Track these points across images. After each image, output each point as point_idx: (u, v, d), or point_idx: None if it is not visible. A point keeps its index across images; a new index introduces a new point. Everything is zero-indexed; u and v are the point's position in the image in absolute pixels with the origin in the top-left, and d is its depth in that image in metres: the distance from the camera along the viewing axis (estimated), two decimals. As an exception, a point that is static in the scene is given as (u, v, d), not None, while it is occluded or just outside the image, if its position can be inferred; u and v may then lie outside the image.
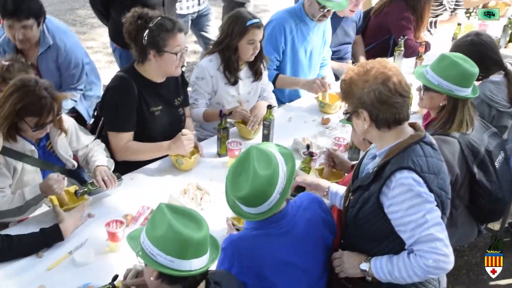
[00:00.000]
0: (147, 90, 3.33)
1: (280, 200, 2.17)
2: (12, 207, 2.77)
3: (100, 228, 2.75)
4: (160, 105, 3.41)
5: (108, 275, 2.35)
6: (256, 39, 3.63)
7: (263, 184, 2.13)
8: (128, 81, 3.28)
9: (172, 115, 3.50)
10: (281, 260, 2.22)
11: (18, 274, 2.50)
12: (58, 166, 3.03)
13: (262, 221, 2.23)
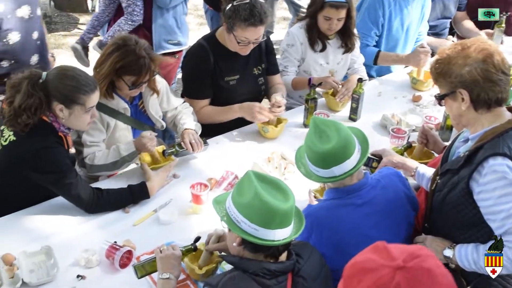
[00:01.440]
0: (223, 59, 3.33)
1: (356, 166, 2.14)
2: (107, 162, 2.89)
3: (185, 189, 2.81)
4: (237, 74, 3.41)
5: (190, 236, 2.43)
6: (332, 17, 3.53)
7: (348, 135, 2.13)
8: (205, 50, 3.30)
9: (249, 85, 3.49)
10: (360, 232, 2.19)
11: (106, 227, 2.61)
12: (148, 126, 3.12)
13: (342, 192, 2.21)
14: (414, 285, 1.24)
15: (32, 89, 2.46)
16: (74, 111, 2.53)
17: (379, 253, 1.31)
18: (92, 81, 2.59)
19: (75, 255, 2.40)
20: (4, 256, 2.33)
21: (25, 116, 2.45)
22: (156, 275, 2.22)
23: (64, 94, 2.49)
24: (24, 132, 2.49)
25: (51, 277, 2.29)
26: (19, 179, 2.57)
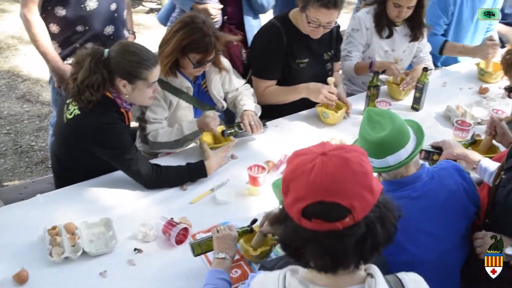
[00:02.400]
0: (296, 41, 3.30)
1: (411, 156, 2.09)
2: (170, 140, 2.93)
3: (242, 170, 2.82)
4: (307, 57, 3.37)
5: (246, 217, 2.43)
6: (402, 5, 3.43)
7: (402, 124, 2.09)
8: (278, 30, 3.27)
9: (318, 69, 3.45)
10: (414, 226, 2.13)
11: (164, 203, 2.65)
12: (209, 106, 3.14)
13: (396, 184, 2.16)
14: (327, 166, 1.33)
15: (95, 66, 2.50)
16: (137, 86, 2.56)
17: (318, 145, 1.43)
18: (153, 56, 2.61)
19: (133, 229, 2.45)
20: (67, 225, 2.40)
21: (88, 93, 2.50)
22: (211, 254, 2.25)
23: (126, 69, 2.53)
24: (88, 107, 2.54)
25: (110, 248, 2.34)
26: (82, 152, 2.64)
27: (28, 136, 4.84)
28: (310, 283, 1.42)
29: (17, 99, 5.34)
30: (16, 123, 5.00)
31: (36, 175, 4.37)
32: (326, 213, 1.32)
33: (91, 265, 2.28)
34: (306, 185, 1.34)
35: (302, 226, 1.35)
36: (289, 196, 1.38)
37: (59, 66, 3.25)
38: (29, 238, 2.38)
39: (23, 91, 5.46)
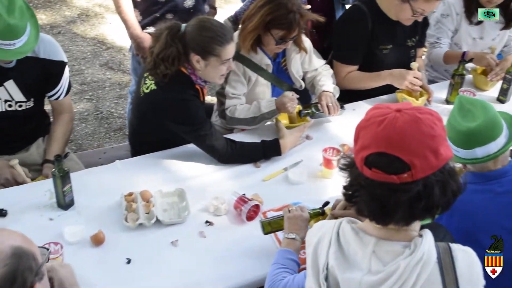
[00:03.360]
0: (381, 26, 3.20)
1: (501, 150, 2.00)
2: (247, 117, 2.94)
3: (316, 152, 2.80)
4: (391, 43, 3.27)
5: (317, 199, 2.41)
6: None
7: (495, 116, 2.02)
8: (364, 14, 3.18)
9: (401, 56, 3.34)
10: (495, 222, 2.03)
11: (236, 178, 2.68)
12: (287, 84, 3.12)
13: (482, 177, 2.07)
14: (397, 121, 1.38)
15: (171, 40, 2.53)
16: (210, 62, 2.57)
17: (398, 103, 1.49)
18: (229, 32, 2.61)
19: (205, 202, 2.49)
20: (143, 192, 2.46)
21: (163, 66, 2.54)
22: (280, 234, 2.25)
23: (200, 45, 2.54)
24: (163, 82, 2.58)
25: (182, 219, 2.39)
26: (157, 126, 2.69)
27: (109, 103, 4.99)
28: (361, 231, 1.49)
29: (101, 66, 5.51)
30: (98, 89, 5.17)
31: (114, 142, 4.51)
32: (386, 165, 1.37)
33: (163, 233, 2.34)
34: (373, 135, 1.40)
35: (363, 173, 1.41)
36: (358, 144, 1.44)
37: (137, 34, 3.34)
38: (106, 202, 2.47)
39: (106, 59, 5.63)
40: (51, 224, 2.36)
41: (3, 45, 2.35)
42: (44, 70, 2.67)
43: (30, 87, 2.69)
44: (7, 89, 2.61)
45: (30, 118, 2.78)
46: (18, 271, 1.33)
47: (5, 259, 1.32)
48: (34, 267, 1.39)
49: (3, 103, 2.63)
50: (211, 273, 2.16)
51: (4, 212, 2.38)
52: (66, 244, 2.18)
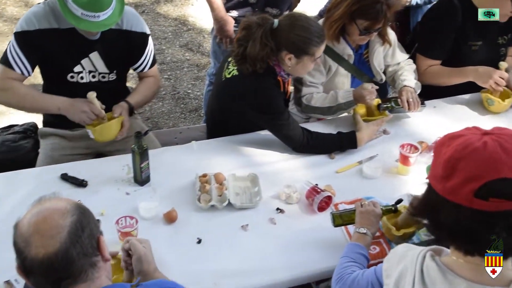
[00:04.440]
0: (471, 21, 3.06)
1: None
2: (323, 106, 2.92)
3: (393, 147, 2.75)
4: (480, 40, 3.14)
5: (391, 196, 2.37)
6: None
7: None
8: (455, 7, 3.06)
9: (490, 53, 3.19)
10: None
11: (310, 168, 2.67)
12: (367, 76, 3.07)
13: None
14: (504, 142, 1.28)
15: (265, 38, 2.51)
16: (303, 60, 2.55)
17: (468, 128, 1.38)
18: (322, 30, 2.59)
19: (277, 189, 2.49)
20: (217, 174, 2.49)
21: (258, 65, 2.54)
22: (351, 227, 2.23)
23: (296, 44, 2.52)
24: (247, 71, 2.59)
25: (254, 204, 2.41)
26: (235, 111, 2.72)
27: (186, 83, 5.08)
28: (448, 271, 1.37)
29: (180, 47, 5.60)
30: (176, 69, 5.26)
31: (189, 122, 4.59)
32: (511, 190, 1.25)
33: (234, 217, 2.36)
34: (482, 162, 1.27)
35: (473, 207, 1.28)
36: (456, 177, 1.30)
37: (221, 16, 3.37)
38: (181, 181, 2.52)
39: (186, 40, 5.71)
40: (127, 199, 2.43)
41: (88, 17, 2.41)
42: (127, 42, 2.73)
43: (113, 59, 2.76)
44: (92, 60, 2.70)
45: (112, 91, 2.83)
46: (84, 221, 1.42)
47: (72, 210, 1.42)
48: (96, 222, 1.48)
49: (87, 74, 2.72)
50: (278, 260, 2.17)
51: (84, 183, 2.47)
52: (141, 219, 2.23)
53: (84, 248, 1.39)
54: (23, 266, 1.38)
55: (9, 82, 2.60)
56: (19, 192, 2.40)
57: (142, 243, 1.81)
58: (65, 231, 1.37)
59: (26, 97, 2.64)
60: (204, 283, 2.02)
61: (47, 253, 1.34)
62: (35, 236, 1.36)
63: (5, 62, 2.60)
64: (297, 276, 2.13)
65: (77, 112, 2.57)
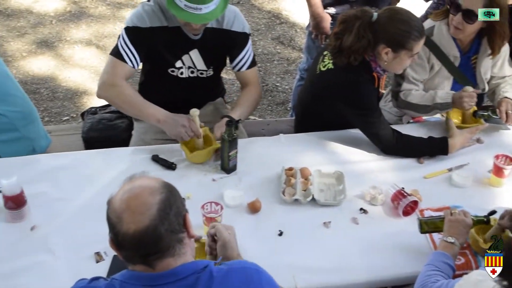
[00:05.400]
0: None
1: None
2: (420, 103, 2.86)
3: (486, 157, 2.66)
4: None
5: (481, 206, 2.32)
6: None
7: None
8: None
9: None
10: None
11: (397, 171, 2.63)
12: (471, 82, 2.95)
13: None
14: None
15: (363, 31, 2.48)
16: (400, 55, 2.51)
17: None
18: (422, 25, 2.52)
19: (362, 189, 2.47)
20: (302, 169, 2.50)
21: (352, 57, 2.52)
22: (435, 235, 2.18)
23: (394, 38, 2.47)
24: (342, 63, 2.57)
25: (337, 202, 2.40)
26: (326, 105, 2.70)
27: (275, 76, 5.10)
28: None
29: (272, 39, 5.64)
30: (267, 62, 5.30)
31: (275, 115, 4.62)
32: None
33: (316, 213, 2.36)
34: None
35: None
36: None
37: (318, 12, 3.36)
38: (266, 173, 2.55)
39: (279, 33, 5.74)
40: (213, 185, 2.48)
41: (190, 9, 2.46)
42: (226, 41, 2.75)
43: (212, 57, 2.81)
44: (191, 57, 2.75)
45: (208, 85, 2.91)
46: (172, 199, 1.47)
47: (160, 189, 1.47)
48: (182, 200, 1.53)
49: (187, 69, 2.79)
50: (358, 261, 2.15)
51: (173, 166, 2.55)
52: (225, 206, 2.27)
53: (172, 225, 1.45)
54: (116, 240, 1.45)
55: (118, 79, 2.63)
56: (114, 169, 2.52)
57: (227, 229, 1.85)
58: (154, 209, 1.42)
59: (130, 99, 2.64)
60: (283, 275, 2.02)
61: (137, 229, 1.40)
62: (126, 212, 1.42)
63: (116, 54, 2.65)
64: (376, 278, 2.11)
65: (177, 125, 2.55)
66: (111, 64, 2.66)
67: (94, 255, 2.11)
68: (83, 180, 2.47)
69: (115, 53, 2.66)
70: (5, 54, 5.07)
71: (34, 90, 4.72)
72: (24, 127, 2.82)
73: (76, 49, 5.31)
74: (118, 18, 5.78)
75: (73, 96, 4.73)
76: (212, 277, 1.46)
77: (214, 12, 2.52)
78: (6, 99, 2.72)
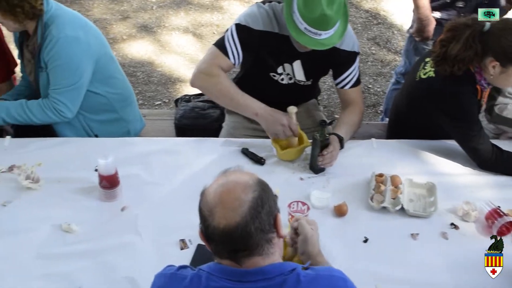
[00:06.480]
0: None
1: None
2: None
3: None
4: None
5: None
6: None
7: None
8: None
9: None
10: None
11: (494, 188, 2.51)
12: None
13: None
14: None
15: (472, 40, 2.38)
16: (508, 71, 2.38)
17: None
18: None
19: (454, 203, 2.37)
20: (393, 176, 2.43)
21: (456, 67, 2.42)
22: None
23: (505, 52, 2.35)
24: (445, 72, 2.47)
25: (427, 213, 2.32)
26: (426, 113, 2.61)
27: (368, 77, 5.01)
28: None
29: (368, 40, 5.53)
30: (360, 62, 5.15)
31: (365, 117, 4.50)
32: None
33: (404, 223, 2.29)
34: None
35: None
36: None
37: (427, 15, 3.26)
38: (355, 177, 2.51)
39: (375, 34, 5.63)
40: (300, 184, 2.47)
41: (310, 33, 2.40)
42: (332, 58, 2.67)
43: (314, 71, 2.77)
44: (293, 67, 2.71)
45: (306, 90, 2.89)
46: (264, 198, 1.46)
47: (254, 186, 1.46)
48: (274, 199, 1.52)
49: (286, 76, 2.75)
50: (445, 277, 2.07)
51: (262, 161, 2.56)
52: (311, 206, 2.25)
53: (262, 224, 1.44)
54: (205, 232, 1.46)
55: (217, 69, 2.61)
56: (205, 158, 2.56)
57: (310, 224, 1.84)
58: (246, 206, 1.42)
59: (228, 90, 2.62)
60: (366, 284, 1.98)
61: (227, 224, 1.40)
62: (218, 206, 1.43)
63: (220, 46, 2.62)
64: (463, 298, 2.03)
65: (276, 123, 2.53)
66: (213, 55, 2.64)
67: (179, 242, 2.15)
68: (173, 166, 2.52)
69: (219, 45, 2.63)
70: (107, 36, 5.26)
71: (131, 73, 4.88)
72: (122, 109, 2.92)
73: (173, 35, 5.45)
74: (216, 8, 5.87)
75: (166, 82, 4.85)
76: (299, 281, 1.44)
77: (332, 38, 2.46)
78: (108, 81, 2.82)
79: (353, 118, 2.75)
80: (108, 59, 2.81)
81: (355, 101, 2.79)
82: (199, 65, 2.67)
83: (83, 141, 2.71)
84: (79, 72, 2.63)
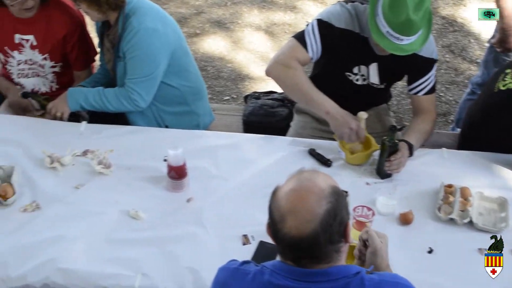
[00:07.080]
0: None
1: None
2: None
3: None
4: None
5: None
6: None
7: None
8: None
9: None
10: None
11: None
12: None
13: None
14: None
15: None
16: None
17: None
18: None
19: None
20: (463, 188, 2.37)
21: None
22: None
23: None
24: None
25: (497, 229, 2.24)
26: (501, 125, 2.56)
27: (440, 85, 4.87)
28: None
29: (442, 47, 5.38)
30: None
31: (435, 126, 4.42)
32: None
33: (472, 237, 2.22)
34: None
35: None
36: None
37: (511, 25, 3.12)
38: (423, 185, 2.45)
39: (450, 41, 5.47)
40: (366, 188, 2.44)
41: (392, 37, 2.37)
42: (410, 64, 2.61)
43: (389, 75, 2.73)
44: (369, 70, 2.68)
45: (378, 93, 2.85)
46: (338, 209, 1.43)
47: (328, 197, 1.42)
48: (347, 206, 1.49)
49: (360, 77, 2.72)
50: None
51: (329, 163, 2.55)
52: (376, 212, 2.22)
53: (332, 235, 1.42)
54: (275, 235, 1.46)
55: (295, 62, 2.59)
56: (271, 156, 2.57)
57: (380, 237, 1.80)
58: (318, 219, 1.39)
59: (303, 84, 2.59)
60: (430, 296, 1.95)
61: (297, 234, 1.39)
62: (290, 215, 1.41)
63: (300, 39, 2.61)
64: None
65: (344, 125, 2.50)
66: (292, 47, 2.62)
67: (241, 237, 2.17)
68: (240, 162, 2.55)
69: (299, 38, 2.61)
70: (182, 30, 5.36)
71: (202, 67, 4.95)
72: (193, 102, 2.98)
73: (245, 32, 5.49)
74: (290, 7, 5.86)
75: (236, 78, 4.89)
76: (363, 285, 1.43)
77: (413, 45, 2.42)
78: (182, 74, 2.88)
79: (425, 127, 2.68)
80: (183, 52, 2.88)
81: (428, 109, 2.73)
82: (277, 55, 2.67)
83: (154, 131, 2.78)
84: (155, 63, 2.70)
